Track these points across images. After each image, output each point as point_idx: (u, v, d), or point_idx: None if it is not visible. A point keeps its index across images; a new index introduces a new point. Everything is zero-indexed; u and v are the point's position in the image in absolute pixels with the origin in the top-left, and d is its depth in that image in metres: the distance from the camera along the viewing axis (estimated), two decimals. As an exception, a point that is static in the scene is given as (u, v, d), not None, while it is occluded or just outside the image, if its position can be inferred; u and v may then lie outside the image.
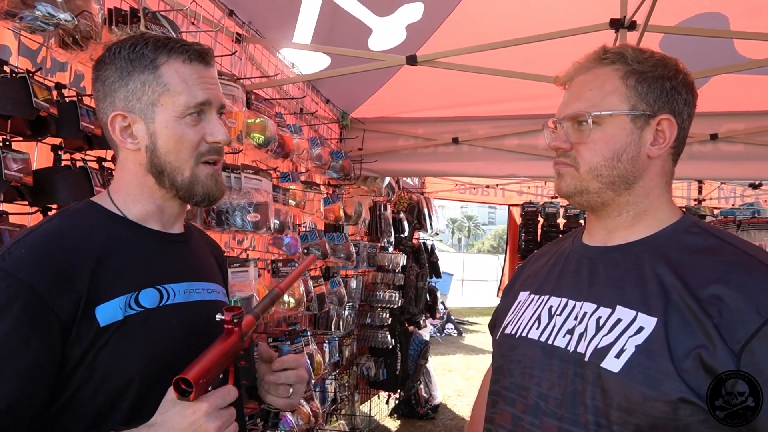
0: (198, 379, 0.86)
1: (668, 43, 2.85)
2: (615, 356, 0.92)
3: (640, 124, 1.01)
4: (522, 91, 3.40)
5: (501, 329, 1.19)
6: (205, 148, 1.05)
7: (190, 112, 1.02)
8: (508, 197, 6.99)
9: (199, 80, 1.03)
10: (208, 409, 0.87)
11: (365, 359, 5.09)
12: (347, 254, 3.65)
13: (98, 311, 0.94)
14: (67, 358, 0.92)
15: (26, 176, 1.41)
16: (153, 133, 1.03)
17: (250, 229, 2.18)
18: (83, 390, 0.93)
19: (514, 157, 3.96)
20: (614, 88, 1.02)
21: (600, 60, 1.04)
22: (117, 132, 1.04)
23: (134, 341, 0.96)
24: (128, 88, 1.02)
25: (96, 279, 0.95)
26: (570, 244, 1.17)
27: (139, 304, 0.99)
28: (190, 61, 1.03)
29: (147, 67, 1.01)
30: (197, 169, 1.05)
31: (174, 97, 1.01)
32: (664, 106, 1.01)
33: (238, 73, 2.58)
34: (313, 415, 3.07)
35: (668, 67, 1.02)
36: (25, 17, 1.37)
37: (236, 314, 0.95)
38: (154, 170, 1.05)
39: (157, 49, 1.02)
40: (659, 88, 1.00)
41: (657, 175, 1.04)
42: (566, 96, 1.08)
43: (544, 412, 0.99)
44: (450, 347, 10.82)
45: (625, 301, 0.96)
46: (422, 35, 3.16)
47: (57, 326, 0.90)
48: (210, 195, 1.07)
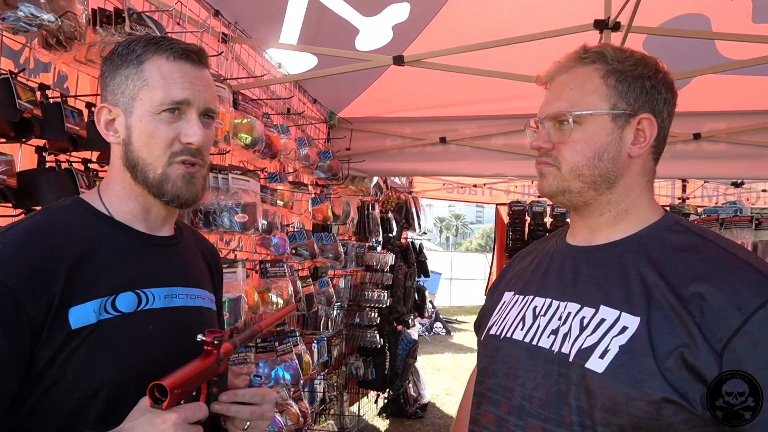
0: (173, 388, 0.85)
1: (651, 43, 2.89)
2: (599, 356, 0.92)
3: (620, 123, 1.02)
4: (508, 91, 3.42)
5: (486, 330, 1.19)
6: (178, 147, 1.03)
7: (165, 109, 1.01)
8: (496, 196, 7.02)
9: (180, 78, 1.02)
10: (177, 420, 0.86)
11: (354, 359, 5.09)
12: (336, 254, 3.65)
13: (71, 313, 0.92)
14: (37, 359, 0.90)
15: (9, 178, 1.40)
16: (129, 126, 1.03)
17: (238, 230, 2.18)
18: (53, 392, 0.92)
19: (501, 156, 3.99)
20: (594, 87, 1.02)
21: (580, 59, 1.05)
22: (102, 124, 1.05)
23: (108, 346, 0.95)
24: (115, 82, 1.03)
25: (72, 280, 0.93)
26: (554, 244, 1.18)
27: (115, 308, 0.97)
28: (174, 58, 1.02)
29: (132, 62, 1.02)
30: (169, 168, 1.03)
31: (151, 93, 1.01)
32: (644, 106, 1.02)
33: (225, 73, 2.57)
34: (302, 416, 3.07)
35: (648, 67, 1.03)
36: (7, 18, 1.36)
37: (217, 337, 0.95)
38: (129, 165, 1.04)
39: (146, 46, 1.03)
40: (639, 87, 1.01)
41: (638, 174, 1.05)
42: (547, 96, 1.09)
43: (528, 413, 0.99)
44: (438, 346, 10.85)
45: (609, 301, 0.97)
46: (409, 35, 3.17)
47: (27, 325, 0.89)
48: (180, 196, 1.05)
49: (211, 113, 1.07)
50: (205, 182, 1.11)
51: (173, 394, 0.85)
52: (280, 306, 2.66)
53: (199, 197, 1.09)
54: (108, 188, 1.08)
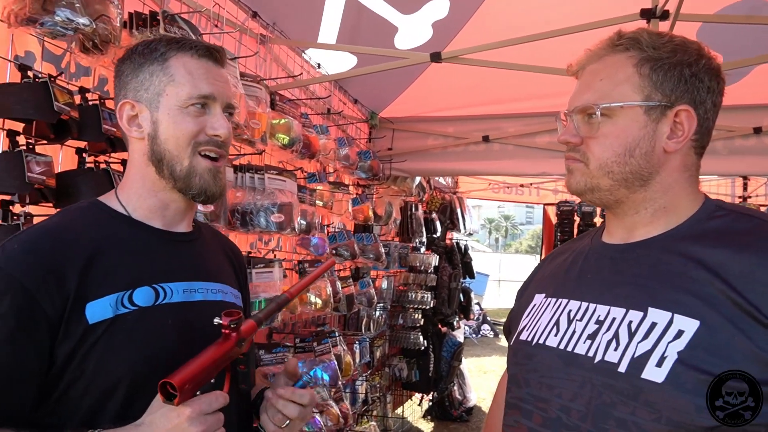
0: (183, 384, 0.85)
1: (706, 32, 2.73)
2: (656, 365, 0.85)
3: (655, 116, 0.94)
4: (552, 87, 3.30)
5: (516, 334, 1.13)
6: (204, 139, 1.06)
7: (193, 103, 1.04)
8: (543, 196, 6.85)
9: (205, 75, 1.06)
10: (191, 414, 0.87)
11: (397, 360, 5.06)
12: (377, 255, 3.63)
13: (88, 309, 0.94)
14: (56, 356, 0.92)
15: (49, 179, 1.44)
16: (156, 120, 1.05)
17: (274, 230, 2.18)
18: (74, 388, 0.93)
19: (546, 154, 3.87)
20: (626, 77, 0.95)
21: (613, 47, 0.98)
22: (124, 120, 1.07)
23: (125, 340, 0.96)
24: (138, 79, 1.06)
25: (86, 276, 0.95)
26: (588, 243, 1.10)
27: (132, 302, 0.98)
28: (198, 56, 1.06)
29: (157, 59, 1.05)
30: (195, 159, 1.05)
31: (178, 88, 1.04)
32: (682, 96, 0.94)
33: (264, 74, 2.59)
34: (343, 416, 3.06)
35: (688, 52, 0.94)
36: (46, 23, 1.40)
37: (234, 319, 0.94)
38: (155, 158, 1.06)
39: (169, 44, 1.06)
40: (677, 75, 0.93)
41: (677, 171, 0.97)
42: (577, 86, 1.02)
43: (566, 426, 0.92)
44: (486, 348, 10.69)
45: (657, 302, 0.89)
46: (449, 32, 3.11)
47: (45, 323, 0.91)
48: (207, 190, 1.07)
49: (231, 109, 1.11)
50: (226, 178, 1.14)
51: (184, 390, 0.85)
52: (318, 306, 2.66)
53: (225, 191, 1.12)
54: (126, 186, 1.10)
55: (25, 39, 1.56)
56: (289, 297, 1.09)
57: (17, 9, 1.38)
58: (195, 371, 0.88)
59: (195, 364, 0.88)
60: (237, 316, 0.95)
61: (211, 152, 1.07)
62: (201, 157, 1.06)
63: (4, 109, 1.38)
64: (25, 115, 1.40)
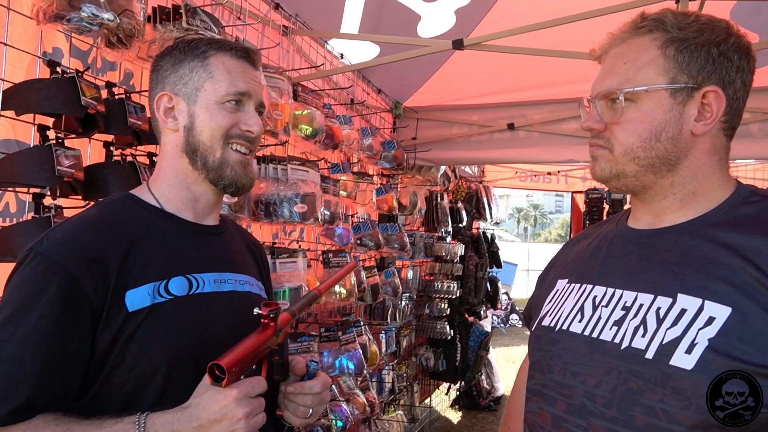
0: (231, 366, 0.89)
1: (741, 11, 2.64)
2: (685, 351, 0.83)
3: (681, 98, 0.92)
4: (579, 72, 3.23)
5: (538, 320, 1.11)
6: (236, 132, 1.10)
7: (230, 99, 1.09)
8: (571, 184, 6.75)
9: (242, 74, 1.11)
10: (238, 395, 0.90)
11: (424, 350, 5.07)
12: (401, 244, 3.63)
13: (127, 297, 0.97)
14: (98, 344, 0.95)
15: (78, 172, 1.48)
16: (193, 113, 1.10)
17: (297, 220, 2.20)
18: (116, 375, 0.97)
19: (573, 141, 3.81)
20: (650, 59, 0.93)
21: (637, 29, 0.95)
22: (161, 111, 1.11)
23: (163, 328, 0.99)
24: (178, 74, 1.10)
25: (125, 265, 0.99)
26: (614, 227, 1.08)
27: (168, 291, 1.02)
28: (237, 57, 1.12)
29: (197, 56, 1.10)
30: (227, 152, 1.10)
31: (217, 84, 1.09)
32: (710, 76, 0.91)
33: (286, 65, 2.60)
34: (369, 405, 3.09)
35: (716, 31, 0.91)
36: (72, 19, 1.43)
37: (273, 309, 0.98)
38: (189, 149, 1.10)
39: (210, 43, 1.12)
40: (704, 55, 0.90)
41: (706, 154, 0.94)
42: (600, 71, 1.00)
43: (590, 413, 0.91)
44: (514, 338, 10.64)
45: (687, 288, 0.87)
46: (472, 19, 3.07)
47: (88, 309, 0.94)
48: (237, 181, 1.11)
49: (262, 108, 1.17)
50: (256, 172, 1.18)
51: (231, 372, 0.89)
52: (342, 296, 2.68)
53: (253, 183, 1.17)
54: (158, 179, 1.14)
55: (52, 35, 1.60)
56: (318, 294, 1.15)
57: (45, 6, 1.41)
58: (241, 355, 0.92)
59: (240, 349, 0.93)
60: (275, 307, 0.98)
61: (241, 146, 1.11)
62: (232, 150, 1.10)
63: (34, 105, 1.42)
64: (53, 110, 1.43)
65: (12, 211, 1.56)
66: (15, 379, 0.89)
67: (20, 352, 0.90)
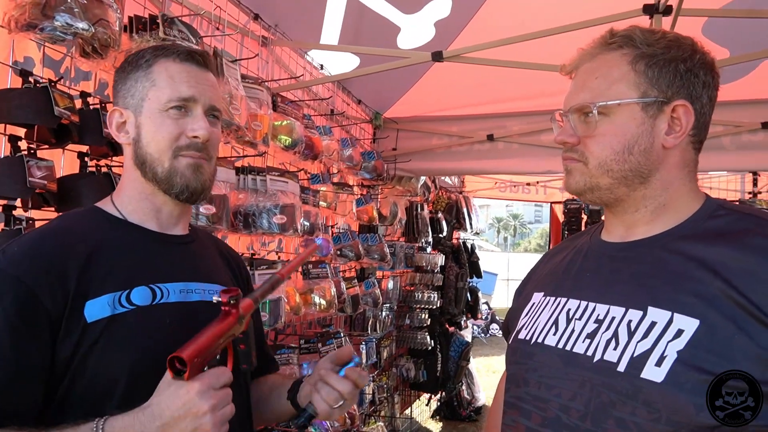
0: (192, 357, 0.86)
1: (713, 27, 2.71)
2: (655, 364, 0.84)
3: (652, 112, 0.93)
4: (556, 85, 3.27)
5: (514, 333, 1.12)
6: (184, 142, 1.07)
7: (173, 106, 1.06)
8: (550, 194, 6.82)
9: (186, 78, 1.07)
10: (201, 387, 0.87)
11: (405, 361, 5.05)
12: (382, 255, 3.62)
13: (86, 307, 0.95)
14: (58, 354, 0.93)
15: (50, 183, 1.45)
16: (139, 125, 1.08)
17: (277, 231, 2.18)
18: (77, 386, 0.95)
19: (551, 152, 3.85)
20: (622, 74, 0.94)
21: (606, 45, 0.97)
22: (113, 127, 1.10)
23: (124, 338, 0.97)
24: (126, 87, 1.09)
25: (85, 275, 0.97)
26: (587, 241, 1.10)
27: (130, 301, 1.00)
28: (180, 60, 1.08)
29: (141, 66, 1.07)
30: (176, 161, 1.06)
31: (159, 92, 1.06)
32: (678, 91, 0.93)
33: (266, 76, 2.59)
34: (350, 417, 3.06)
35: (682, 48, 0.94)
36: (45, 28, 1.40)
37: (233, 296, 0.95)
38: (138, 162, 1.08)
39: (154, 51, 1.08)
40: (672, 71, 0.93)
41: (676, 167, 0.96)
42: (572, 86, 1.01)
43: (565, 426, 0.92)
44: (495, 348, 10.66)
45: (657, 301, 0.88)
46: (451, 31, 3.10)
47: (46, 320, 0.92)
48: (189, 186, 1.07)
49: (215, 112, 1.12)
50: (213, 178, 1.14)
51: (193, 364, 0.86)
52: (322, 307, 2.66)
53: (207, 187, 1.12)
54: (120, 192, 1.13)
55: (24, 44, 1.57)
56: (281, 277, 1.10)
57: (17, 15, 1.39)
58: (202, 346, 0.88)
59: (200, 339, 0.89)
60: (235, 292, 0.95)
61: (191, 157, 1.07)
62: (180, 158, 1.07)
63: (5, 115, 1.39)
64: (26, 120, 1.41)
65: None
66: None
67: None
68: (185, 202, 1.11)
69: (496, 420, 1.18)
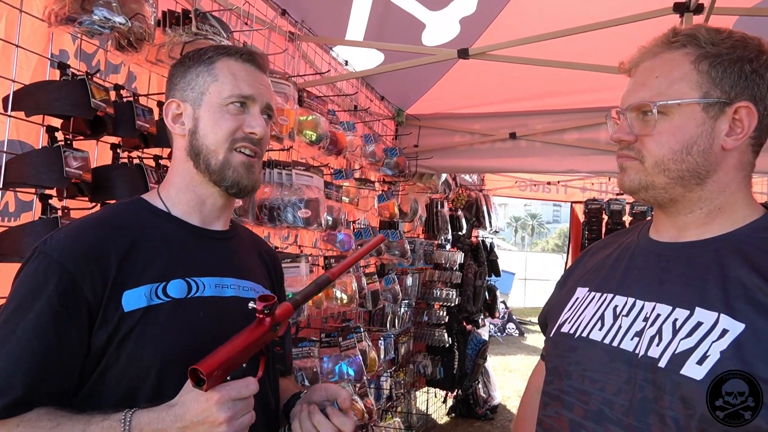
0: (212, 371, 0.87)
1: (744, 27, 2.65)
2: (696, 362, 0.85)
3: (713, 113, 0.93)
4: (581, 83, 3.28)
5: (556, 327, 1.12)
6: (240, 135, 1.10)
7: (233, 101, 1.09)
8: (571, 194, 6.77)
9: (247, 77, 1.12)
10: (220, 399, 0.89)
11: (422, 357, 5.06)
12: (402, 251, 3.64)
13: (124, 297, 0.98)
14: (93, 341, 0.96)
15: (86, 173, 1.48)
16: (197, 117, 1.11)
17: (301, 225, 2.21)
18: (108, 375, 0.97)
19: (574, 152, 3.83)
20: (683, 74, 0.94)
21: (669, 43, 0.97)
22: (170, 118, 1.13)
23: (158, 329, 0.99)
24: (186, 80, 1.12)
25: (125, 266, 1.00)
26: (635, 238, 1.09)
27: (166, 293, 1.02)
28: (243, 60, 1.12)
29: (204, 62, 1.11)
30: (230, 155, 1.10)
31: (221, 87, 1.10)
32: (742, 92, 0.92)
33: (292, 71, 2.62)
34: (367, 412, 3.08)
35: (749, 48, 0.93)
36: (84, 22, 1.44)
37: (268, 304, 0.95)
38: (193, 153, 1.11)
39: (217, 49, 1.13)
40: (737, 72, 0.92)
41: (734, 169, 0.96)
42: (630, 84, 1.01)
43: (609, 419, 0.93)
44: (511, 347, 10.62)
45: (705, 302, 0.89)
46: (477, 28, 3.09)
47: (85, 307, 0.96)
48: (239, 182, 1.10)
49: (270, 111, 1.16)
50: (261, 176, 1.17)
51: (212, 377, 0.87)
52: (344, 302, 2.68)
53: (258, 185, 1.16)
54: (167, 183, 1.15)
55: (59, 38, 1.61)
56: (331, 277, 1.08)
57: (57, 8, 1.42)
58: (224, 358, 0.90)
59: (225, 350, 0.91)
60: (272, 300, 0.96)
61: (246, 149, 1.11)
62: (236, 152, 1.10)
63: (44, 106, 1.43)
64: (64, 112, 1.44)
65: (11, 210, 1.56)
66: (11, 374, 0.91)
67: (18, 348, 0.92)
68: (233, 196, 1.14)
69: (526, 412, 1.19)
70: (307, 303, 2.29)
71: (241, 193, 1.13)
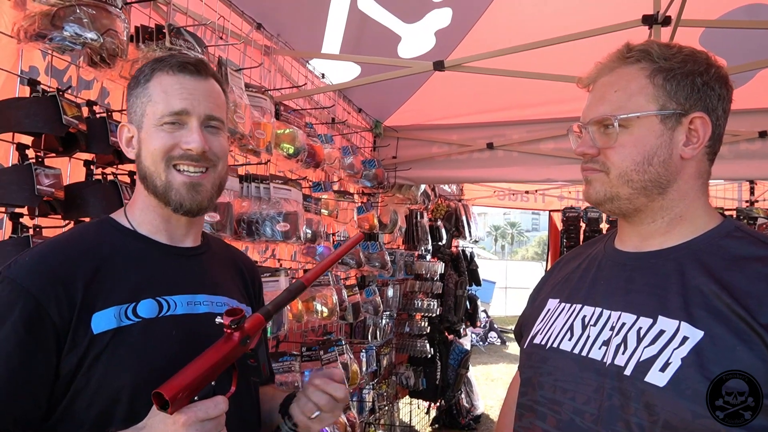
0: (175, 394, 0.85)
1: (709, 37, 2.74)
2: (659, 369, 0.87)
3: (670, 124, 0.96)
4: (555, 94, 3.33)
5: (529, 338, 1.14)
6: (178, 153, 1.06)
7: (167, 121, 1.06)
8: (549, 203, 6.85)
9: (179, 90, 1.06)
10: (186, 421, 0.87)
11: (404, 368, 5.04)
12: (382, 263, 3.63)
13: (93, 319, 0.96)
14: (63, 366, 0.94)
15: (58, 191, 1.46)
16: (140, 140, 1.09)
17: (280, 239, 2.20)
18: (80, 399, 0.95)
19: (551, 161, 3.88)
20: (640, 87, 0.97)
21: (624, 59, 1.00)
22: (123, 142, 1.12)
23: (129, 351, 0.97)
24: (131, 102, 1.11)
25: (92, 287, 0.98)
26: (602, 249, 1.12)
27: (136, 314, 1.00)
28: (174, 72, 1.07)
29: (141, 83, 1.09)
30: (170, 175, 1.06)
31: (155, 107, 1.06)
32: (696, 104, 0.96)
33: (268, 85, 2.61)
34: (350, 425, 3.06)
35: (698, 62, 0.97)
36: (55, 38, 1.42)
37: (236, 319, 0.93)
38: (141, 176, 1.10)
39: (153, 65, 1.09)
40: (689, 84, 0.96)
41: (692, 177, 0.99)
42: (590, 99, 1.04)
43: (579, 428, 0.95)
44: (493, 356, 10.65)
45: (667, 311, 0.91)
46: (452, 41, 3.13)
47: (52, 331, 0.93)
48: (182, 204, 1.07)
49: (213, 122, 1.10)
50: (217, 190, 1.12)
51: (177, 399, 0.86)
52: (324, 315, 2.66)
53: (204, 205, 1.11)
54: (133, 203, 1.14)
55: (29, 54, 1.58)
56: (306, 283, 1.07)
57: (27, 25, 1.40)
58: (189, 379, 0.88)
59: (190, 370, 0.89)
60: (239, 314, 0.94)
61: (188, 167, 1.06)
62: (176, 172, 1.06)
63: (14, 124, 1.41)
64: (35, 129, 1.42)
65: (-15, 230, 1.52)
66: None
67: None
68: (184, 215, 1.10)
69: (505, 422, 1.20)
70: (287, 317, 2.28)
71: (189, 214, 1.09)
